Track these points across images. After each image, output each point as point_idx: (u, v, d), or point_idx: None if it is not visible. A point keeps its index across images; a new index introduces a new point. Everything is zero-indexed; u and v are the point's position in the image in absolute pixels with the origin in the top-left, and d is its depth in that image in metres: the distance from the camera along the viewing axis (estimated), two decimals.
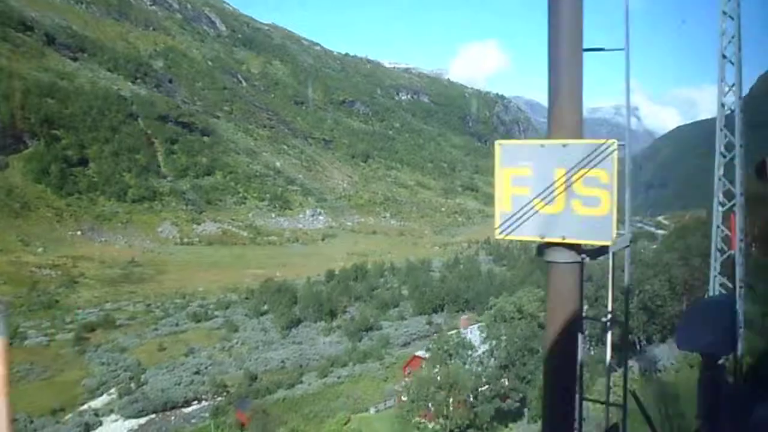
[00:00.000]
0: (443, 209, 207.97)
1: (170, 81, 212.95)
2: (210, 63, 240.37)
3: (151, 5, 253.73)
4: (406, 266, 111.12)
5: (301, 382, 54.86)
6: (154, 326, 75.34)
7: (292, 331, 73.26)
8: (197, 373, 57.98)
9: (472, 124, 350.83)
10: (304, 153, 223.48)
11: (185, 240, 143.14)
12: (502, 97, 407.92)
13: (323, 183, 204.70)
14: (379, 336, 69.12)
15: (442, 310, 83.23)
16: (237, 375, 57.85)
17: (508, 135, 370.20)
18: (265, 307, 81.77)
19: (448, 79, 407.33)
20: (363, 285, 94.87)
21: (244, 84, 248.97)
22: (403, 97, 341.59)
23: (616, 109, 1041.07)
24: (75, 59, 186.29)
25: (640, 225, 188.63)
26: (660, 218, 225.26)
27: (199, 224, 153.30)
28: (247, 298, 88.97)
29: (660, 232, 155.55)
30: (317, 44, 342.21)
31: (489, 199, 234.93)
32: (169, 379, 55.76)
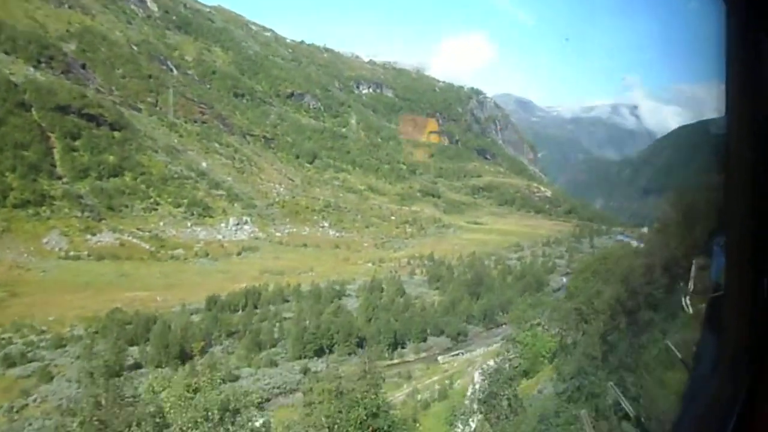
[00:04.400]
0: (393, 218, 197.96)
1: (83, 67, 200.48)
2: (135, 47, 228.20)
3: None
4: (312, 290, 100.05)
5: None
6: None
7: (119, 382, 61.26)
8: None
9: (441, 122, 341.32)
10: (238, 152, 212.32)
11: (72, 253, 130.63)
12: (478, 92, 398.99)
13: (256, 187, 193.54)
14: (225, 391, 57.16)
15: (331, 352, 71.93)
16: None
17: (482, 134, 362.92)
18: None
19: (418, 71, 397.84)
20: (246, 316, 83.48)
21: (175, 72, 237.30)
22: (363, 91, 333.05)
23: (614, 107, 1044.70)
24: None
25: (620, 237, 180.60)
26: (645, 230, 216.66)
27: (94, 234, 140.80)
28: (96, 332, 77.05)
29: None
30: (269, 30, 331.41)
31: (450, 207, 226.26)
32: None
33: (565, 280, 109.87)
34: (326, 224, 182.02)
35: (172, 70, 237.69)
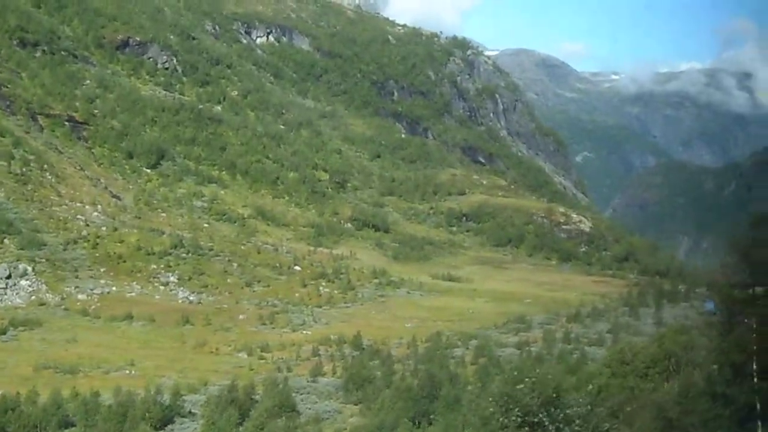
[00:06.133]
0: (298, 268, 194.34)
1: None
2: None
3: None
4: (119, 404, 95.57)
5: None
6: None
7: None
8: None
9: (397, 95, 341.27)
10: (21, 146, 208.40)
11: None
12: (466, 46, 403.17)
13: (48, 209, 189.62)
14: None
15: None
16: None
17: (470, 118, 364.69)
18: None
19: (359, 7, 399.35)
20: None
21: None
22: (258, 40, 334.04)
23: (710, 75, 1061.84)
24: None
25: (712, 306, 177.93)
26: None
27: None
28: None
29: None
30: None
31: (406, 248, 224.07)
32: None
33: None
34: (173, 279, 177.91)
35: None
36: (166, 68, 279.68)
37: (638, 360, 50.50)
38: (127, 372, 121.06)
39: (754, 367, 32.58)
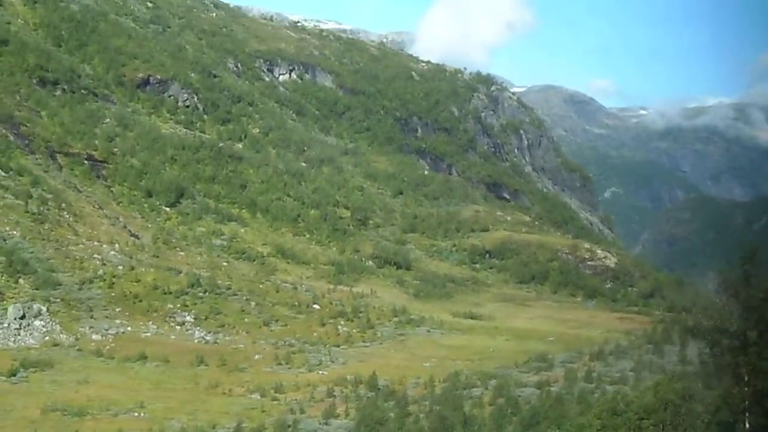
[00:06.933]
0: (317, 306, 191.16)
1: None
2: None
3: None
4: None
5: None
6: None
7: None
8: None
9: (420, 132, 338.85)
10: (39, 185, 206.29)
11: None
12: (490, 81, 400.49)
13: (64, 248, 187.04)
14: None
15: None
16: None
17: (495, 154, 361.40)
18: None
19: (382, 44, 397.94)
20: None
21: None
22: (280, 77, 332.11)
23: (739, 110, 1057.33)
24: None
25: None
26: None
27: None
28: None
29: None
30: None
31: (428, 286, 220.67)
32: None
33: None
34: (189, 319, 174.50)
35: None
36: (187, 106, 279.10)
37: (631, 410, 47.16)
38: (136, 414, 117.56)
39: (747, 425, 29.41)
